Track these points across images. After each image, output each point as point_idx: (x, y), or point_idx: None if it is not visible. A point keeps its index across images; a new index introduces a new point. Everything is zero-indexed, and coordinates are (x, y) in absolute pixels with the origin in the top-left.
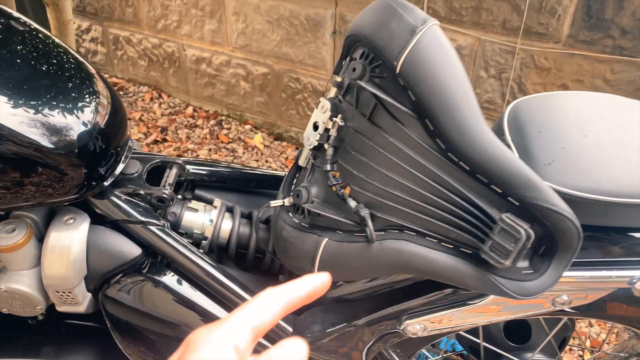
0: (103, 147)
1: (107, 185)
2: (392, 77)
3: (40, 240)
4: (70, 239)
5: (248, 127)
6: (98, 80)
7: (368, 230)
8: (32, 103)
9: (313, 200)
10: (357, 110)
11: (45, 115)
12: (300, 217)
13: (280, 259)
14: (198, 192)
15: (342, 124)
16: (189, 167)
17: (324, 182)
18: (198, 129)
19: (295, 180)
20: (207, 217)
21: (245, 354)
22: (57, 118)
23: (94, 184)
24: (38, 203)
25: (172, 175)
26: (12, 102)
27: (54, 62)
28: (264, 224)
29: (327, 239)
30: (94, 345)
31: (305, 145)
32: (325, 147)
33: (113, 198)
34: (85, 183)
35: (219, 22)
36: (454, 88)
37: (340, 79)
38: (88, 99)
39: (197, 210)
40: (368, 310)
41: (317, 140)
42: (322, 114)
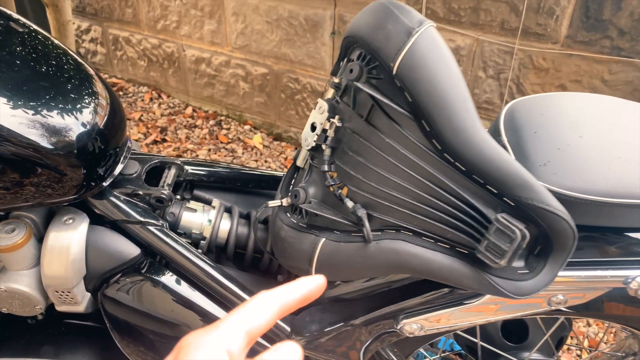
0: (102, 147)
1: (106, 186)
2: (388, 78)
3: (40, 240)
4: (70, 239)
5: (247, 127)
6: (97, 81)
7: (365, 230)
8: (31, 104)
9: (311, 201)
10: (354, 111)
11: (45, 116)
12: (298, 217)
13: (278, 259)
14: (197, 192)
15: (339, 125)
16: (188, 167)
17: (322, 182)
18: (197, 129)
19: (293, 181)
20: (205, 217)
21: (239, 359)
22: (56, 119)
23: (93, 185)
24: (37, 203)
25: (170, 176)
26: (11, 103)
27: (53, 63)
28: (262, 224)
29: (324, 239)
30: (93, 345)
31: (303, 146)
32: (323, 147)
33: (112, 198)
34: (85, 183)
35: (218, 22)
36: (450, 89)
37: (338, 80)
38: (87, 100)
39: (195, 211)
40: (365, 310)
41: (314, 141)
42: (319, 115)
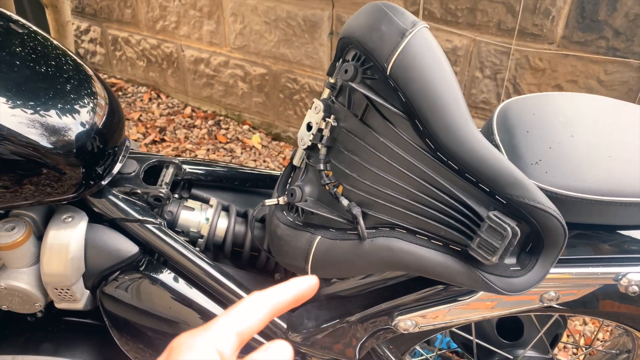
0: (101, 147)
1: (104, 185)
2: (383, 78)
3: (39, 239)
4: (69, 237)
5: (246, 127)
6: (96, 82)
7: (360, 228)
8: (31, 104)
9: (307, 199)
10: (349, 111)
11: (44, 116)
12: (294, 215)
13: (275, 257)
14: (194, 191)
15: (334, 125)
16: (186, 166)
17: (318, 181)
18: (196, 129)
19: (290, 180)
20: (203, 215)
21: (231, 359)
22: (55, 119)
23: (92, 183)
24: (37, 202)
25: (168, 175)
26: (11, 103)
27: (53, 63)
28: (259, 223)
29: (320, 237)
30: (92, 342)
31: (300, 145)
32: (319, 147)
33: (111, 197)
34: (84, 182)
35: (217, 23)
36: (443, 89)
37: (333, 80)
38: (86, 100)
39: (193, 209)
40: (361, 307)
41: (310, 140)
42: (315, 115)
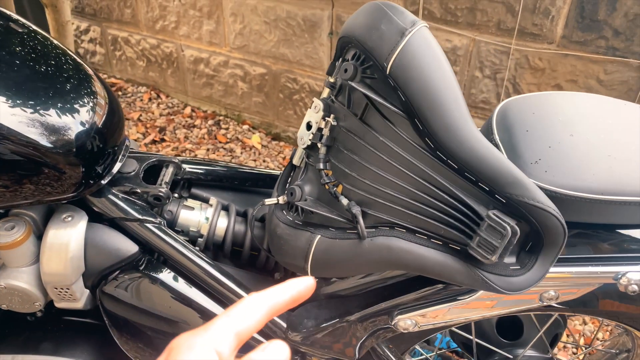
0: (100, 146)
1: (104, 184)
2: (382, 77)
3: (39, 238)
4: (69, 237)
5: (246, 127)
6: (96, 81)
7: (359, 227)
8: (31, 103)
9: (306, 198)
10: (349, 110)
11: (44, 116)
12: (294, 214)
13: (275, 256)
14: (194, 190)
15: (334, 124)
16: (185, 166)
17: (317, 180)
18: (196, 129)
19: (290, 179)
20: (203, 215)
21: None
22: (55, 118)
23: (92, 183)
24: (37, 201)
25: (168, 174)
26: (11, 102)
27: (53, 63)
28: (259, 222)
29: (319, 236)
30: (92, 341)
31: (299, 145)
32: (319, 146)
33: (110, 196)
34: (83, 181)
35: (217, 22)
36: (442, 89)
37: (333, 80)
38: (86, 100)
39: (193, 209)
40: (360, 306)
41: (310, 140)
42: (315, 114)
